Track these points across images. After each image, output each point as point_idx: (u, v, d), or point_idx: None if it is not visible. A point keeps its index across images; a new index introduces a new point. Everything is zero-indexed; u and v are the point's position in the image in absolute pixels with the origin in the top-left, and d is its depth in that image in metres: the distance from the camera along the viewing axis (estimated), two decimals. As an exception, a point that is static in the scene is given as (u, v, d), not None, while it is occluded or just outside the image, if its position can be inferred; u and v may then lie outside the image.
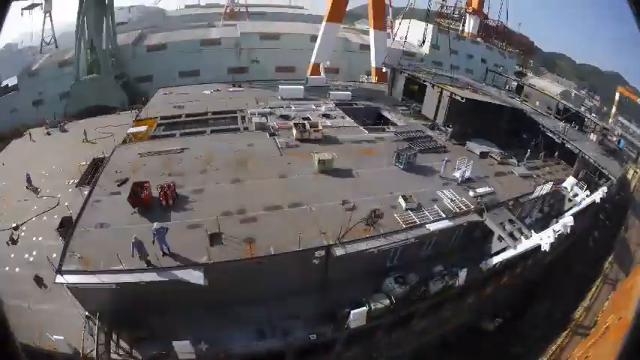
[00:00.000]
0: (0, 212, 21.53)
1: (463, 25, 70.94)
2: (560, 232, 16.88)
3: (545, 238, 16.78)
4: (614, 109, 55.91)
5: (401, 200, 19.13)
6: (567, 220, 17.65)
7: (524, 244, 17.65)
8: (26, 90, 45.86)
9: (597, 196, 21.37)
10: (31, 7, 54.16)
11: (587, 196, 21.62)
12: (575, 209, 21.75)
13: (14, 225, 19.87)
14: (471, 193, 20.65)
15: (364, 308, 15.33)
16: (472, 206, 19.58)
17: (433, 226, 17.88)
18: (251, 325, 15.01)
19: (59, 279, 13.76)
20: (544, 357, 20.06)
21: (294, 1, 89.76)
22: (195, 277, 13.80)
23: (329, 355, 16.18)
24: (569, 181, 22.84)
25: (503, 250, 18.68)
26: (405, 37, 48.31)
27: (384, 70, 44.74)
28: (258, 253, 15.11)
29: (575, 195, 22.24)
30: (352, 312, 15.01)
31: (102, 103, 41.96)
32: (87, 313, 14.49)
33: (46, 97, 46.47)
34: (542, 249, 17.00)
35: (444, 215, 18.71)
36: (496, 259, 18.85)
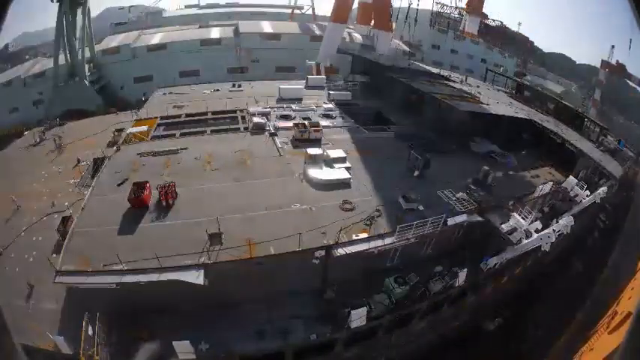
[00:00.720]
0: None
1: (463, 27, 70.90)
2: (560, 232, 16.92)
3: (545, 238, 16.82)
4: (597, 93, 55.74)
5: (401, 200, 19.12)
6: (567, 220, 17.71)
7: (524, 244, 17.64)
8: (26, 90, 45.99)
9: (597, 196, 21.39)
10: None
11: (587, 196, 21.62)
12: (575, 209, 21.74)
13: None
14: (472, 194, 20.63)
15: (364, 308, 15.33)
16: (472, 206, 19.57)
17: (433, 226, 17.89)
18: (251, 325, 15.02)
19: (59, 279, 13.77)
20: (545, 357, 20.03)
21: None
22: (195, 277, 13.81)
23: (329, 355, 16.19)
24: (569, 181, 22.82)
25: (504, 250, 18.69)
26: (406, 40, 48.31)
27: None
28: (258, 253, 15.12)
29: (575, 195, 22.23)
30: (352, 312, 15.02)
31: (79, 107, 42.65)
32: (87, 313, 14.46)
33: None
34: (542, 249, 17.02)
35: (444, 215, 18.70)
36: (496, 259, 18.85)
